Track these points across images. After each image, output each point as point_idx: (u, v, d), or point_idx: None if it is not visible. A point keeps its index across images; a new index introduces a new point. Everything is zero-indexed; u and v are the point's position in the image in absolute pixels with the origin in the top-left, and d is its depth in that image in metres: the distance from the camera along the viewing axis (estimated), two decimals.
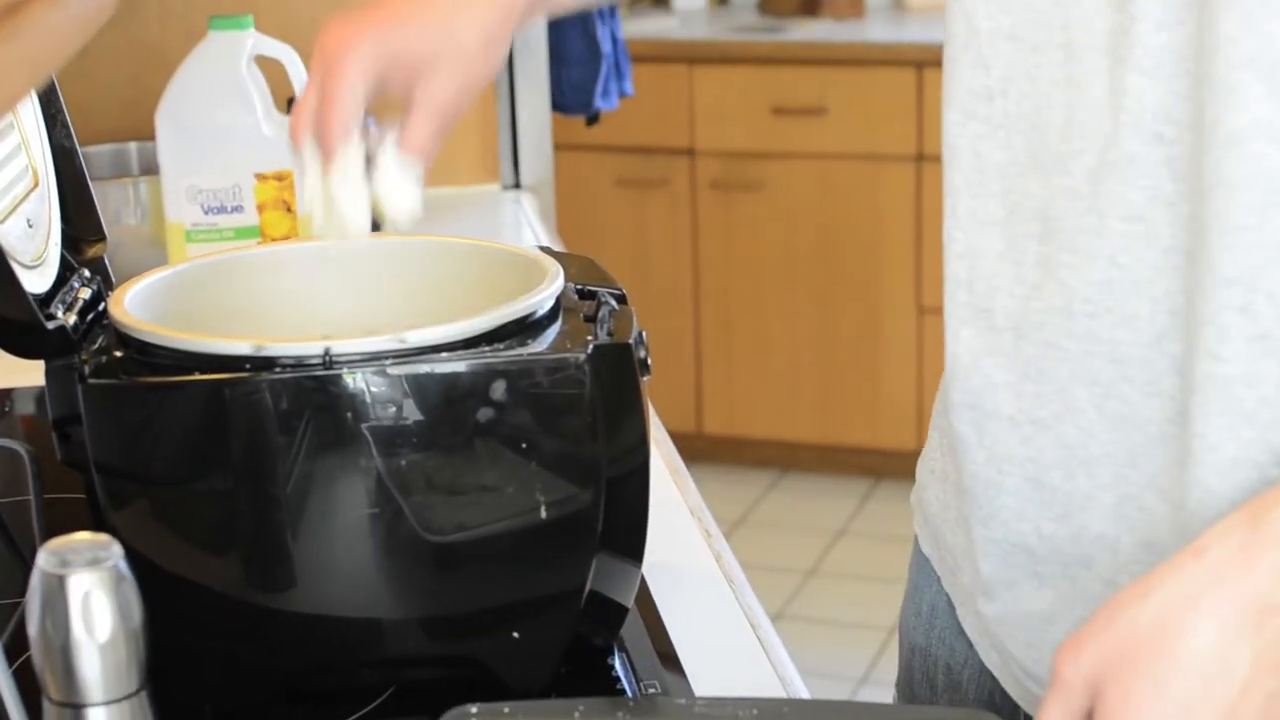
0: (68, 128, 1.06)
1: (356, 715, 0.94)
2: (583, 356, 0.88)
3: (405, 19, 0.97)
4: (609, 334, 0.91)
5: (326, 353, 0.87)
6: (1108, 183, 0.83)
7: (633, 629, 1.01)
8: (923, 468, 1.06)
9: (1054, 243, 0.87)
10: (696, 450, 3.95)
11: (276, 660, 0.94)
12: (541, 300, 0.93)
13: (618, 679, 0.97)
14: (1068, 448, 0.88)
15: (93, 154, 1.83)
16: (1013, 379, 0.90)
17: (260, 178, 1.60)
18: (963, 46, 0.90)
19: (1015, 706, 0.99)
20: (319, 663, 0.94)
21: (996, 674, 1.00)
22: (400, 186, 0.96)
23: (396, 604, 0.92)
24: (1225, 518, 0.74)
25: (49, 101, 1.06)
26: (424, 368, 0.87)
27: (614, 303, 0.96)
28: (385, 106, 1.00)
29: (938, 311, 4.00)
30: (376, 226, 1.00)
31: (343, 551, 0.90)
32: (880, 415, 3.89)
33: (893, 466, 3.92)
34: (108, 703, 0.72)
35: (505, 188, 2.20)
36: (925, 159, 3.71)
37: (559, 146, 2.33)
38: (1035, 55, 0.86)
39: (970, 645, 1.02)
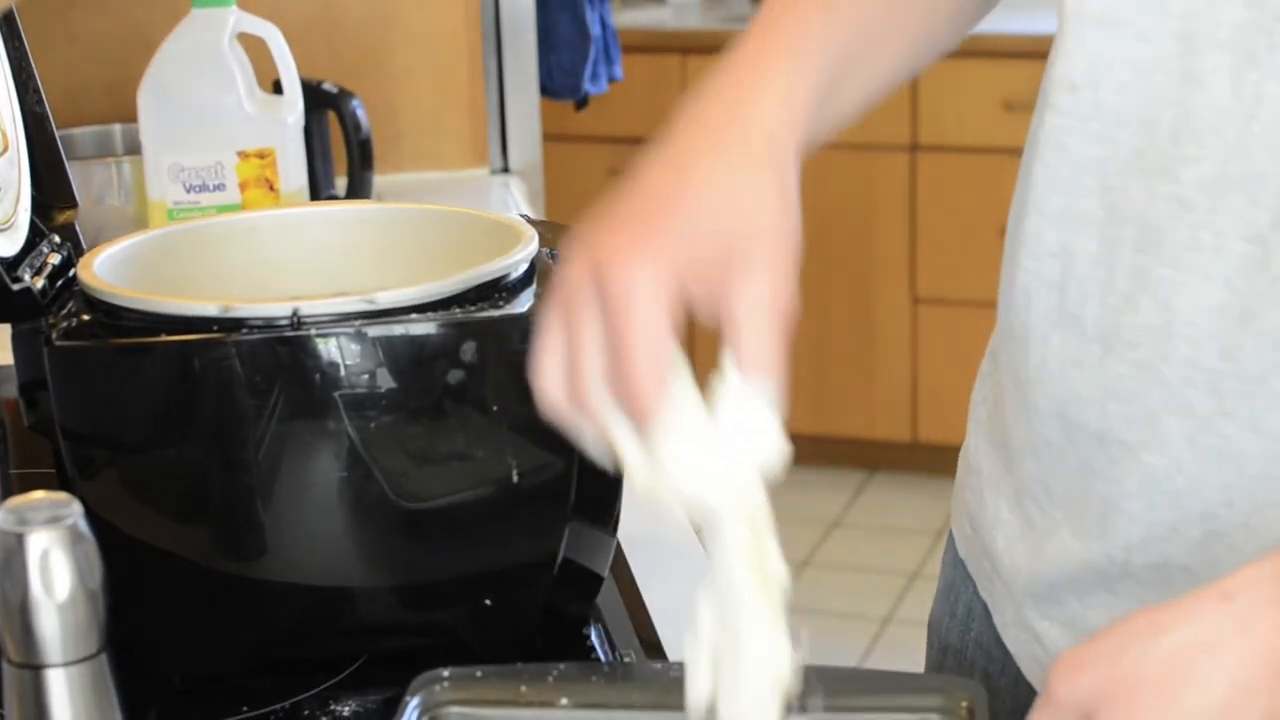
0: (39, 93, 1.05)
1: (328, 684, 0.93)
2: None
3: (683, 209, 0.73)
4: None
5: (295, 314, 0.86)
6: (1228, 197, 0.76)
7: (610, 602, 1.00)
8: (964, 465, 0.99)
9: (1154, 254, 0.79)
10: None
11: (247, 629, 0.93)
12: (515, 263, 0.92)
13: (593, 649, 0.96)
14: (1153, 479, 0.82)
15: (77, 136, 1.82)
16: (1098, 396, 0.83)
17: (242, 155, 1.59)
18: (1058, 31, 0.83)
19: None
20: (290, 631, 0.93)
21: (1037, 686, 0.94)
22: (756, 421, 0.73)
23: (368, 571, 0.91)
24: (1253, 565, 0.70)
25: (20, 67, 1.05)
26: (394, 329, 0.86)
27: None
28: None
29: (932, 302, 3.98)
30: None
31: (313, 518, 0.89)
32: (875, 407, 3.87)
33: (887, 458, 3.90)
34: (67, 664, 0.71)
35: (494, 172, 2.19)
36: (920, 149, 3.70)
37: (551, 136, 2.31)
38: (1141, 43, 0.79)
39: (1007, 652, 0.97)
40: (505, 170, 2.19)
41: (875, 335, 3.84)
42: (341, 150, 1.82)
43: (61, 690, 0.71)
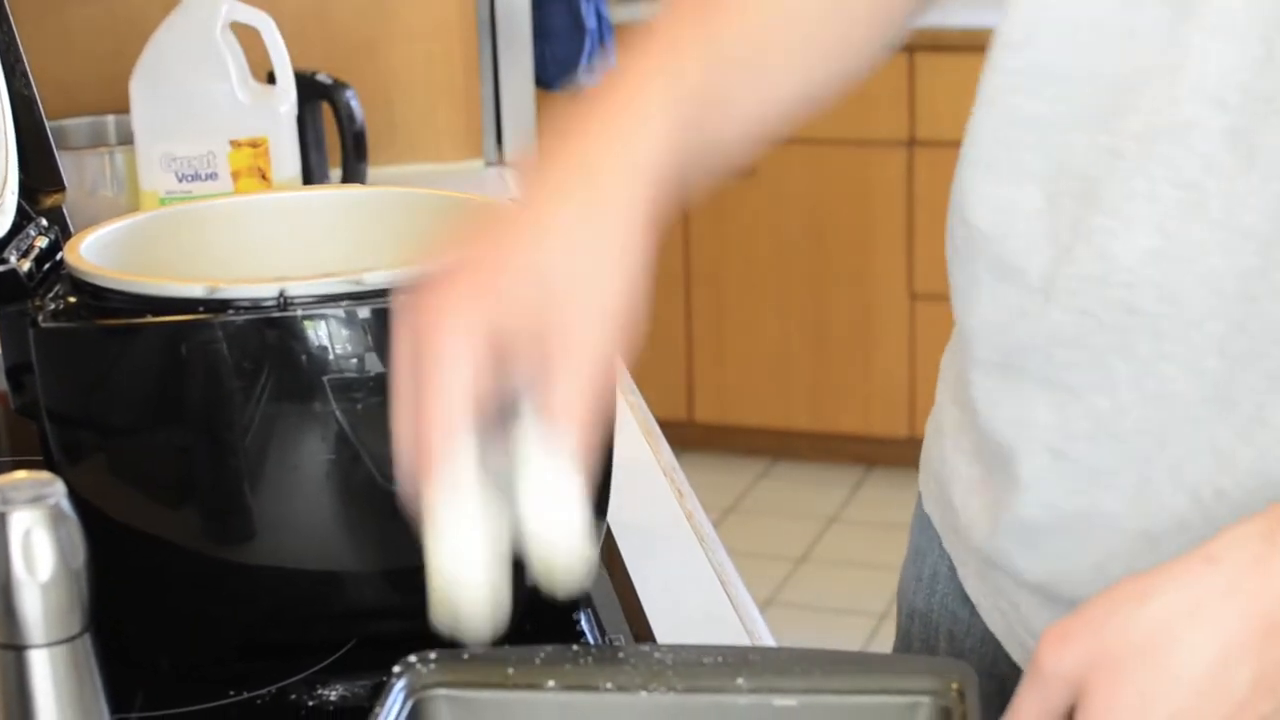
0: (27, 77, 1.04)
1: (316, 668, 0.92)
2: None
3: (514, 254, 0.72)
4: None
5: (281, 294, 0.85)
6: (1160, 146, 0.78)
7: (600, 587, 1.00)
8: (931, 424, 1.02)
9: (1092, 205, 0.81)
10: (688, 439, 3.93)
11: (235, 613, 0.92)
12: None
13: (583, 634, 0.95)
14: (1100, 421, 0.83)
15: (70, 127, 1.81)
16: (1042, 343, 0.85)
17: (235, 145, 1.59)
18: None
19: (1019, 674, 0.95)
20: (277, 616, 0.92)
21: (1000, 638, 0.96)
22: (555, 504, 0.68)
23: (356, 555, 0.90)
24: (1238, 526, 0.70)
25: (8, 50, 1.04)
26: (380, 309, 0.85)
27: None
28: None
29: (930, 297, 3.98)
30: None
31: (301, 502, 0.88)
32: (873, 402, 3.87)
33: (885, 453, 3.90)
34: (50, 644, 0.70)
35: (489, 164, 2.18)
36: (917, 144, 3.69)
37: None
38: (1082, 1, 0.81)
39: (973, 611, 0.98)
40: (500, 162, 2.19)
41: (872, 331, 3.84)
42: (336, 141, 1.82)
43: (44, 671, 0.71)
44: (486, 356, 0.69)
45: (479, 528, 0.68)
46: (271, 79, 1.67)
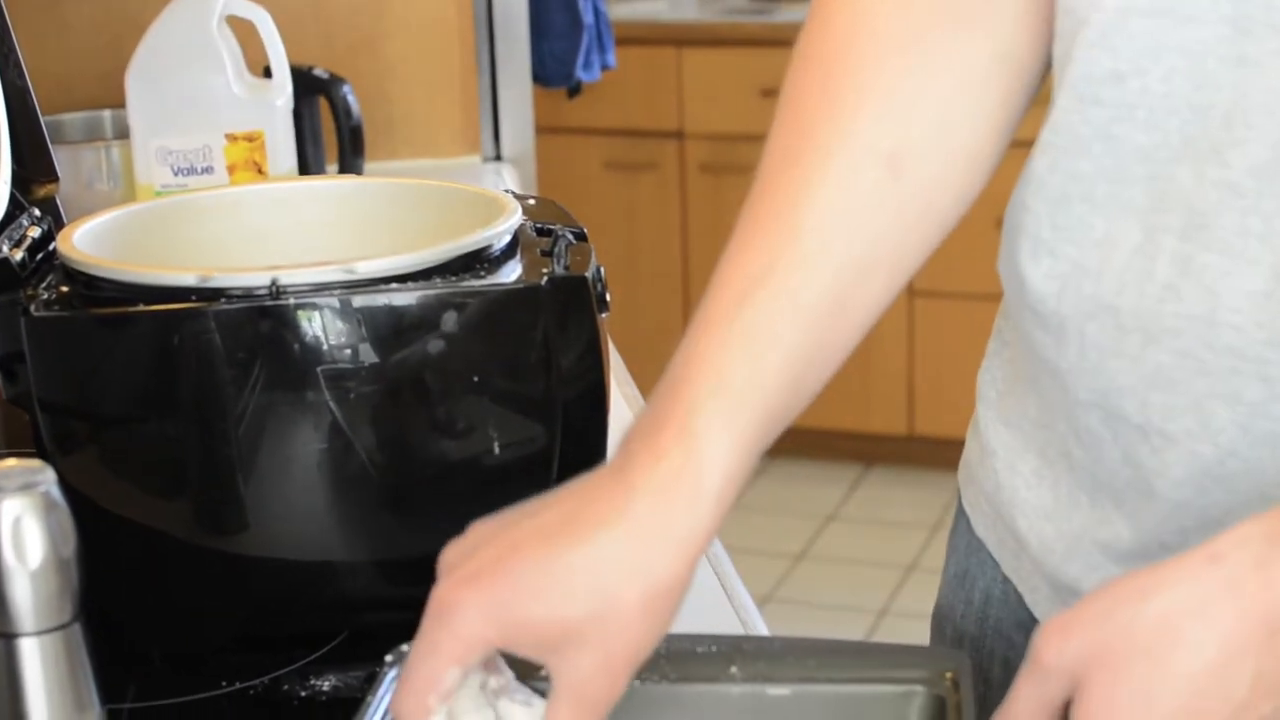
0: (21, 68, 1.04)
1: (308, 659, 0.92)
2: (537, 288, 0.86)
3: (538, 565, 0.71)
4: (565, 268, 0.90)
5: (274, 283, 0.85)
6: (1277, 181, 0.74)
7: None
8: (975, 446, 0.97)
9: (1198, 241, 0.77)
10: None
11: (227, 604, 0.92)
12: (497, 234, 0.91)
13: None
14: (1202, 467, 0.80)
15: (66, 121, 1.81)
16: (1139, 387, 0.81)
17: (230, 138, 1.58)
18: (1074, 31, 0.80)
19: None
20: (270, 606, 0.92)
21: None
22: None
23: (349, 546, 0.90)
24: (1243, 526, 0.69)
25: (2, 41, 1.04)
26: (374, 299, 0.85)
27: (572, 238, 0.94)
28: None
29: (929, 295, 3.96)
30: None
31: (294, 492, 0.88)
32: (871, 400, 3.87)
33: (884, 451, 3.90)
34: (40, 633, 0.70)
35: (486, 160, 2.18)
36: None
37: (546, 129, 2.30)
38: (1190, 28, 0.76)
39: (1028, 637, 0.95)
40: (498, 158, 2.19)
41: (872, 328, 3.83)
42: (333, 137, 1.81)
43: (34, 659, 0.70)
44: (482, 650, 0.71)
45: None
46: (268, 73, 1.67)
